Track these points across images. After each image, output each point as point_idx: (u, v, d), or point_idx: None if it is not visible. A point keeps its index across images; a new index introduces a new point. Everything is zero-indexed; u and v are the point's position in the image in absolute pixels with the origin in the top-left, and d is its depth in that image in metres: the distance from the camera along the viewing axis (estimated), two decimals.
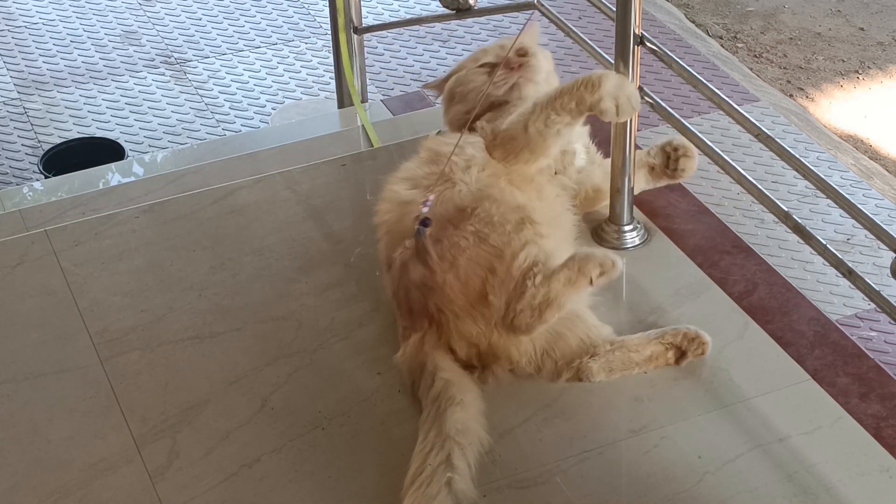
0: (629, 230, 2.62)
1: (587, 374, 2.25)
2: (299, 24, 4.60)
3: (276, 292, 2.52)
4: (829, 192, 2.20)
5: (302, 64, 4.35)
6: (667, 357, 2.29)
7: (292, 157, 3.03)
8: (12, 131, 4.05)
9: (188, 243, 2.66)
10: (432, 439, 2.06)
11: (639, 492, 2.07)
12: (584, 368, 2.25)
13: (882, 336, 3.15)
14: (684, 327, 2.31)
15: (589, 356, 2.25)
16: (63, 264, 2.62)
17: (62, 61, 4.42)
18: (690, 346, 2.29)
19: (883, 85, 4.40)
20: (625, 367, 2.27)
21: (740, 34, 4.67)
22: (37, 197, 3.21)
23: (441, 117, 2.68)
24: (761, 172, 3.65)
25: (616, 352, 2.26)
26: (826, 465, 2.09)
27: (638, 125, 2.53)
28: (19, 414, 2.27)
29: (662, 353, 2.29)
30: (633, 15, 2.40)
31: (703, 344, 2.30)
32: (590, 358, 2.25)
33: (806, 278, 3.29)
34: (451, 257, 2.21)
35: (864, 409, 2.22)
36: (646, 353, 2.28)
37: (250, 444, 2.17)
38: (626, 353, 2.27)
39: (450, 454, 2.03)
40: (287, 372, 2.32)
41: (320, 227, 2.70)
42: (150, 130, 4.02)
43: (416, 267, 2.21)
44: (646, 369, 2.28)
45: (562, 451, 2.14)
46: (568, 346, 2.26)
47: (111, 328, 2.45)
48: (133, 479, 2.12)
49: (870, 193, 3.65)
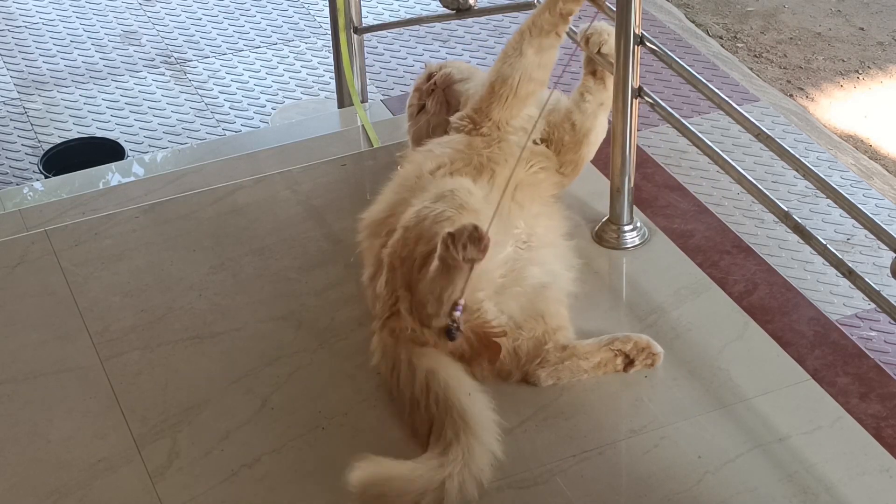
0: (629, 230, 2.62)
1: (535, 380, 2.26)
2: (299, 24, 4.60)
3: (276, 292, 2.52)
4: (829, 192, 2.20)
5: (302, 64, 4.35)
6: (615, 364, 2.28)
7: (292, 157, 3.03)
8: (12, 131, 4.05)
9: (188, 243, 2.66)
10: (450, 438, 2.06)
11: (639, 492, 2.07)
12: (532, 375, 2.25)
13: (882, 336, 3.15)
14: (636, 336, 2.30)
15: (538, 363, 2.25)
16: (63, 264, 2.62)
17: (62, 61, 4.42)
18: (640, 355, 2.28)
19: (883, 85, 4.39)
20: (573, 375, 2.27)
21: (740, 34, 4.67)
22: (37, 197, 3.21)
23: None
24: (761, 172, 3.65)
25: (566, 361, 2.25)
26: (826, 465, 2.09)
27: (638, 125, 2.53)
28: (19, 414, 2.27)
29: (612, 360, 2.28)
30: (633, 15, 2.40)
31: (654, 355, 2.29)
32: (538, 366, 2.25)
33: (806, 278, 3.29)
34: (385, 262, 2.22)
35: (864, 409, 2.22)
36: (595, 359, 2.27)
37: (250, 444, 2.17)
38: (576, 362, 2.26)
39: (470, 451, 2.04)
40: (287, 372, 2.32)
41: (320, 227, 2.70)
42: (150, 130, 4.02)
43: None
44: (594, 375, 2.27)
45: (562, 451, 2.14)
46: (521, 349, 2.26)
47: (111, 328, 2.45)
48: (133, 479, 2.12)
49: (870, 193, 3.65)
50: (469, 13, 3.13)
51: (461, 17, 3.15)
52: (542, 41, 2.49)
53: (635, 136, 2.53)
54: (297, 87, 4.22)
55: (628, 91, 2.47)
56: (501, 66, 2.50)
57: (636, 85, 2.48)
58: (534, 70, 2.49)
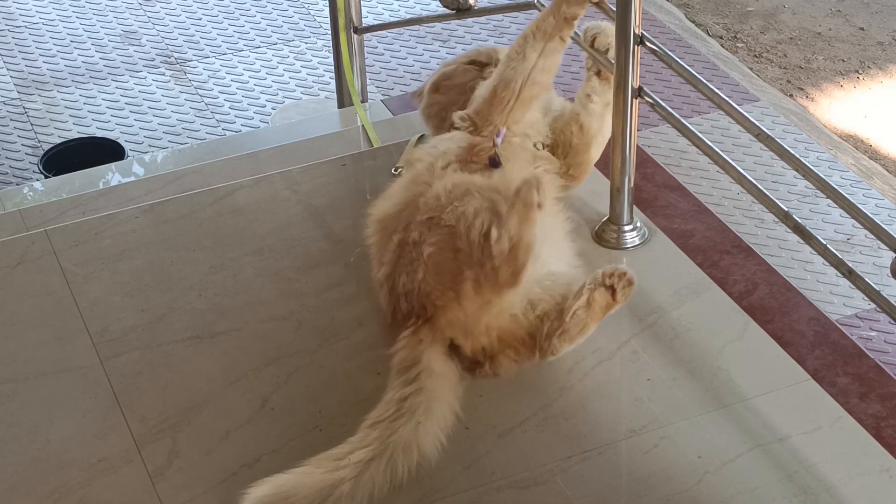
0: (629, 230, 2.62)
1: (554, 350, 2.24)
2: (299, 24, 4.60)
3: (276, 292, 2.52)
4: (829, 192, 2.20)
5: (302, 64, 4.35)
6: (605, 297, 2.25)
7: (292, 157, 3.03)
8: (12, 131, 4.05)
9: (188, 243, 2.66)
10: (371, 441, 2.03)
11: (639, 492, 2.07)
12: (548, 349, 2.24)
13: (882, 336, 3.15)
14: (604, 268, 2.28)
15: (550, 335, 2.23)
16: (63, 264, 2.62)
17: (62, 61, 4.42)
18: (619, 281, 2.26)
19: (883, 85, 4.39)
20: (578, 327, 2.24)
21: (740, 34, 4.67)
22: (37, 197, 3.21)
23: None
24: (761, 172, 3.65)
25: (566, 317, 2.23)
26: (826, 465, 2.09)
27: (638, 125, 2.53)
28: (19, 414, 2.27)
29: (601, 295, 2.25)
30: (633, 15, 2.40)
31: (626, 276, 2.27)
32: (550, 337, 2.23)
33: (806, 278, 3.29)
34: (415, 255, 2.21)
35: (864, 409, 2.22)
36: (584, 299, 2.24)
37: (250, 444, 2.17)
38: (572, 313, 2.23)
39: (371, 461, 2.00)
40: (287, 372, 2.32)
41: (320, 227, 2.70)
42: (150, 130, 4.02)
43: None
44: (593, 318, 2.25)
45: (562, 451, 2.14)
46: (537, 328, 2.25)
47: (111, 328, 2.45)
48: (133, 479, 2.12)
49: (870, 193, 3.65)
50: (469, 13, 3.13)
51: (461, 17, 3.15)
52: (545, 45, 2.49)
53: (635, 136, 2.53)
54: (297, 87, 4.22)
55: (628, 91, 2.47)
56: (504, 70, 2.50)
57: (636, 85, 2.48)
58: (537, 74, 2.49)
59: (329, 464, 2.00)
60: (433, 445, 2.07)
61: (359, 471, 1.99)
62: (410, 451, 2.04)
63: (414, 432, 2.05)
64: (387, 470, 2.01)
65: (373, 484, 2.00)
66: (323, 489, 1.97)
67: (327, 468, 1.99)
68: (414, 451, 2.04)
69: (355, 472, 1.99)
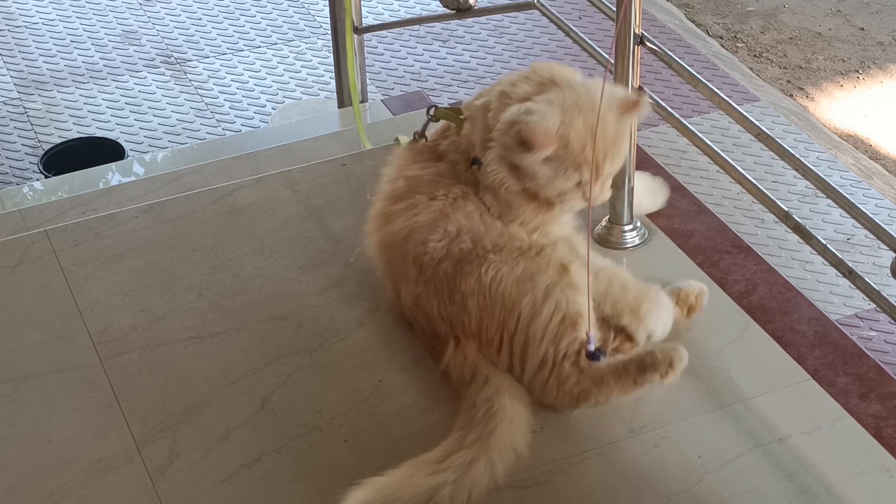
0: (629, 230, 2.62)
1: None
2: (299, 24, 4.60)
3: (276, 292, 2.52)
4: (829, 191, 2.20)
5: (302, 64, 4.35)
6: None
7: (292, 157, 3.03)
8: (12, 131, 4.05)
9: (188, 243, 2.66)
10: (470, 443, 2.03)
11: (639, 492, 2.07)
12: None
13: (882, 336, 3.15)
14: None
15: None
16: (63, 264, 2.62)
17: (62, 61, 4.42)
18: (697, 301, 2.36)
19: (883, 85, 4.40)
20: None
21: (740, 34, 4.67)
22: (37, 197, 3.21)
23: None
24: (761, 172, 3.65)
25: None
26: (826, 465, 2.09)
27: (638, 125, 2.53)
28: (19, 414, 2.27)
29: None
30: (633, 15, 2.40)
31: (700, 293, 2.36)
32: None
33: (806, 278, 3.30)
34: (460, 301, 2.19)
35: (864, 409, 2.22)
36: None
37: (250, 444, 2.17)
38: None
39: (473, 463, 2.01)
40: (287, 372, 2.32)
41: (320, 227, 2.70)
42: (150, 130, 4.03)
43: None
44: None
45: (562, 451, 2.13)
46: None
47: (111, 328, 2.45)
48: (133, 479, 2.12)
49: (870, 193, 3.65)
50: (469, 13, 3.13)
51: (461, 17, 3.15)
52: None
53: (635, 136, 2.53)
54: (297, 87, 4.22)
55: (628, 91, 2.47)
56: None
57: (636, 85, 2.48)
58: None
59: (430, 467, 1.99)
60: (525, 444, 2.08)
61: (460, 473, 1.99)
62: (508, 452, 2.05)
63: (510, 432, 2.06)
64: (486, 471, 2.01)
65: (472, 486, 1.99)
66: (425, 492, 1.96)
67: (428, 471, 1.99)
68: (510, 450, 2.05)
69: (457, 474, 1.98)
